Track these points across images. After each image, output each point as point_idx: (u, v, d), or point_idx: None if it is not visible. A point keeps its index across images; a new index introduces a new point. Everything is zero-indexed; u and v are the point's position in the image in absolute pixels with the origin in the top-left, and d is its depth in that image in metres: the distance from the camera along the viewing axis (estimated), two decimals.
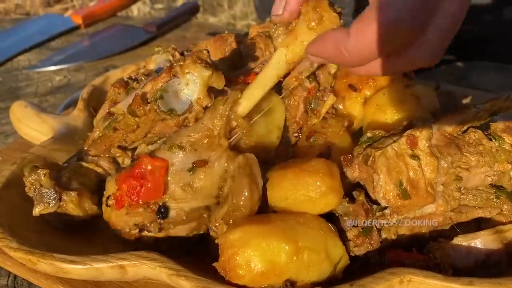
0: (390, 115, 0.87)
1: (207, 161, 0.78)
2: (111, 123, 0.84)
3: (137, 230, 0.79)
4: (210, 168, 0.78)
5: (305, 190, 0.72)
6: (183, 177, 0.77)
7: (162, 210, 0.77)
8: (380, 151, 0.74)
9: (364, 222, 0.76)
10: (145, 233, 0.79)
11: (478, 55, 1.70)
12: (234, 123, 0.79)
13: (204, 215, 0.79)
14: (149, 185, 0.76)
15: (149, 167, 0.76)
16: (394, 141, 0.74)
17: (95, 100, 1.15)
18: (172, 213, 0.77)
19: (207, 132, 0.78)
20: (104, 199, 0.82)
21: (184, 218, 0.78)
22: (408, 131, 0.75)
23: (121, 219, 0.78)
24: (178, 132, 0.80)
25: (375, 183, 0.75)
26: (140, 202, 0.76)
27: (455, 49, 1.76)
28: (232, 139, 0.80)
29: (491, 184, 0.78)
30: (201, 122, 0.78)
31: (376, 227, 0.77)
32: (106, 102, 0.98)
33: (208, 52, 0.79)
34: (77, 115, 1.09)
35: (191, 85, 0.76)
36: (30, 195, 0.84)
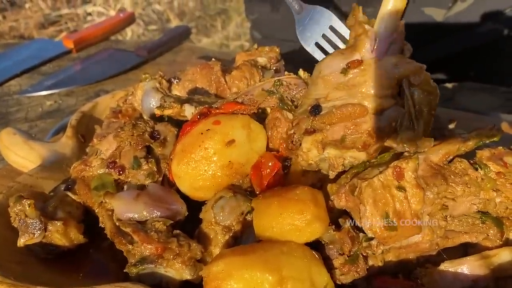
0: None
1: (361, 60, 0.79)
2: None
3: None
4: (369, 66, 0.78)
5: (291, 219, 0.71)
6: (336, 78, 0.79)
7: (315, 108, 0.79)
8: (366, 182, 0.74)
9: (350, 250, 0.75)
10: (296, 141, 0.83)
11: (466, 76, 1.72)
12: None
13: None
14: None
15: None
16: (380, 172, 0.73)
17: (84, 127, 1.15)
18: (324, 110, 0.79)
19: None
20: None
21: (335, 112, 0.77)
22: (394, 162, 0.74)
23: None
24: None
25: (361, 214, 0.74)
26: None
27: (444, 70, 1.79)
28: None
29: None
30: None
31: (362, 254, 0.77)
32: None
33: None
34: (65, 143, 1.09)
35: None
36: (15, 226, 0.84)
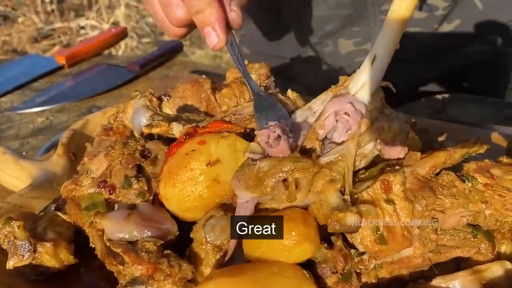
0: None
1: None
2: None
3: None
4: None
5: None
6: None
7: None
8: (355, 196, 0.74)
9: (343, 268, 0.75)
10: None
11: (457, 87, 1.73)
12: None
13: None
14: None
15: None
16: (369, 186, 0.74)
17: (75, 145, 1.15)
18: None
19: None
20: None
21: None
22: (381, 176, 0.75)
23: None
24: None
25: None
26: None
27: (434, 82, 1.81)
28: None
29: (467, 223, 0.78)
30: None
31: (355, 271, 0.77)
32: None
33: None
34: (56, 161, 1.09)
35: None
36: (4, 248, 0.83)
